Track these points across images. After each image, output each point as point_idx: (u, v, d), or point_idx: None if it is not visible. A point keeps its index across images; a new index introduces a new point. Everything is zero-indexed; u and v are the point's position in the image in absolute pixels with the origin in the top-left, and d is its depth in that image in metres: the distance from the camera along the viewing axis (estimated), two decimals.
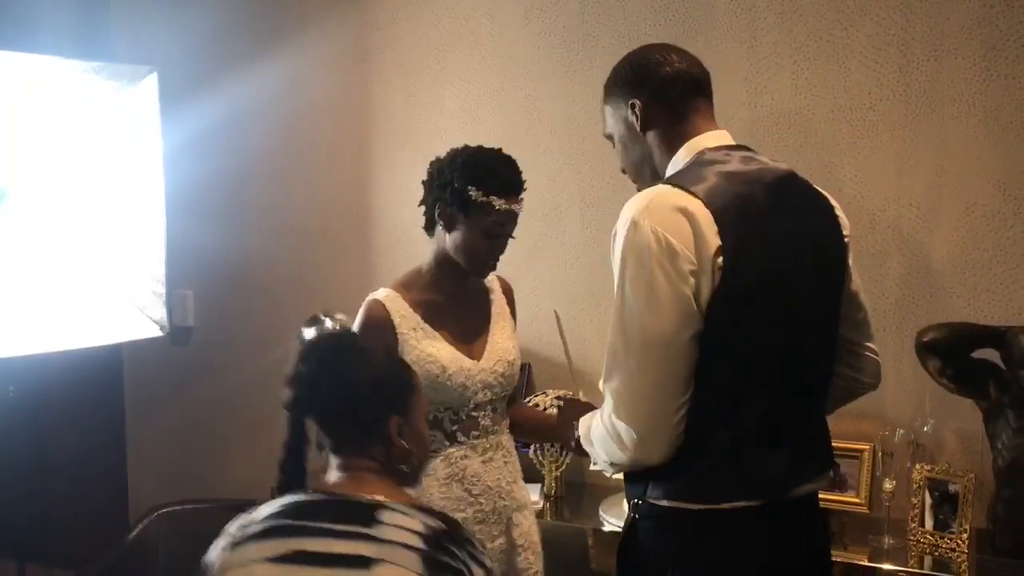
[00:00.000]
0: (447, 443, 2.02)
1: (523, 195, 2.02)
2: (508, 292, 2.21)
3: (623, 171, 1.82)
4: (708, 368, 1.55)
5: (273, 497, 1.50)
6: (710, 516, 1.58)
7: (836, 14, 2.56)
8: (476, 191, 1.94)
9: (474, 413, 2.04)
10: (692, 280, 1.52)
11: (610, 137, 1.80)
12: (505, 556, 2.07)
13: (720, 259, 1.52)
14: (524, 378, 2.97)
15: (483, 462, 2.04)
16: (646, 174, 1.75)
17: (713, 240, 1.52)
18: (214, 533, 1.46)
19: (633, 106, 1.70)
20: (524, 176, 2.02)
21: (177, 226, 3.07)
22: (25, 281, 2.66)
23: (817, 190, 1.73)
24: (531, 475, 2.83)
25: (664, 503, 1.60)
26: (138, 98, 2.82)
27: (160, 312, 2.89)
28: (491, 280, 2.16)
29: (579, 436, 1.76)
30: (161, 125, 2.92)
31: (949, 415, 2.46)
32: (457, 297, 2.07)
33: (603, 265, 2.90)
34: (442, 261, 2.05)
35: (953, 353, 2.35)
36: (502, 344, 2.10)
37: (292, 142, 3.29)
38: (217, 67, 3.30)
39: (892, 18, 2.50)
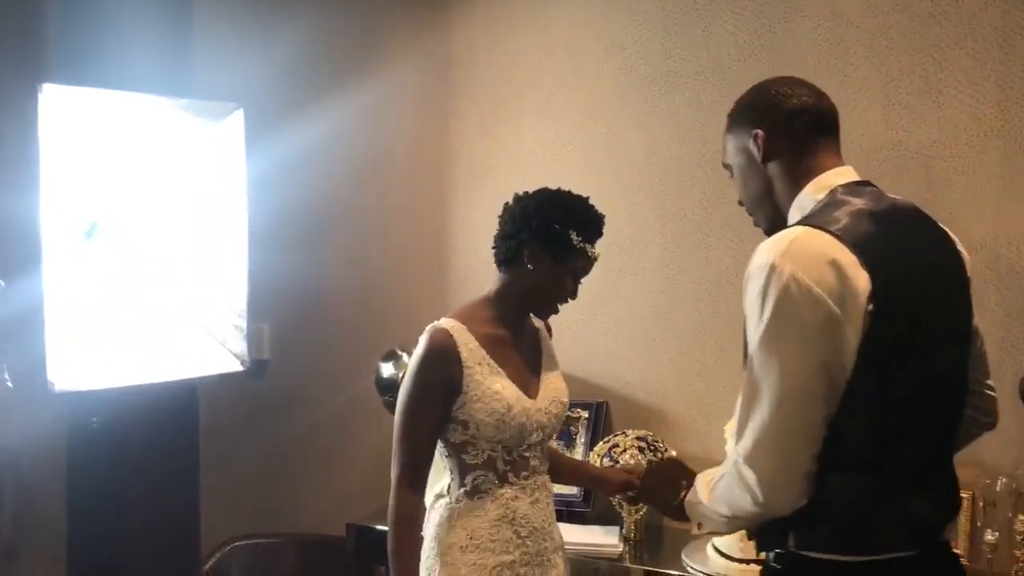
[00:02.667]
0: (498, 483, 1.99)
1: None
2: (549, 330, 2.22)
3: (740, 203, 1.78)
4: (859, 413, 1.50)
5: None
6: (865, 568, 1.52)
7: (929, 48, 2.50)
8: (577, 237, 1.96)
9: (526, 453, 2.02)
10: (834, 330, 1.47)
11: (728, 167, 1.77)
12: None
13: (870, 305, 1.47)
14: (602, 417, 2.93)
15: (531, 503, 2.02)
16: (765, 207, 1.71)
17: (862, 284, 1.47)
18: (286, 567, 1.42)
19: (755, 136, 1.68)
20: (602, 213, 2.04)
21: (256, 260, 3.09)
22: (113, 313, 2.69)
23: (939, 224, 1.69)
24: (608, 518, 2.78)
25: (814, 555, 1.54)
26: (224, 134, 2.85)
27: (240, 346, 2.90)
28: (536, 319, 2.16)
29: (687, 498, 1.71)
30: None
31: None
32: (517, 334, 2.07)
33: (683, 303, 2.88)
34: (509, 297, 2.04)
35: None
36: (555, 383, 2.10)
37: (371, 176, 3.31)
38: (298, 102, 3.34)
39: (989, 52, 2.43)
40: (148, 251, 2.79)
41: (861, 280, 1.47)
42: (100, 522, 3.13)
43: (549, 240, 1.97)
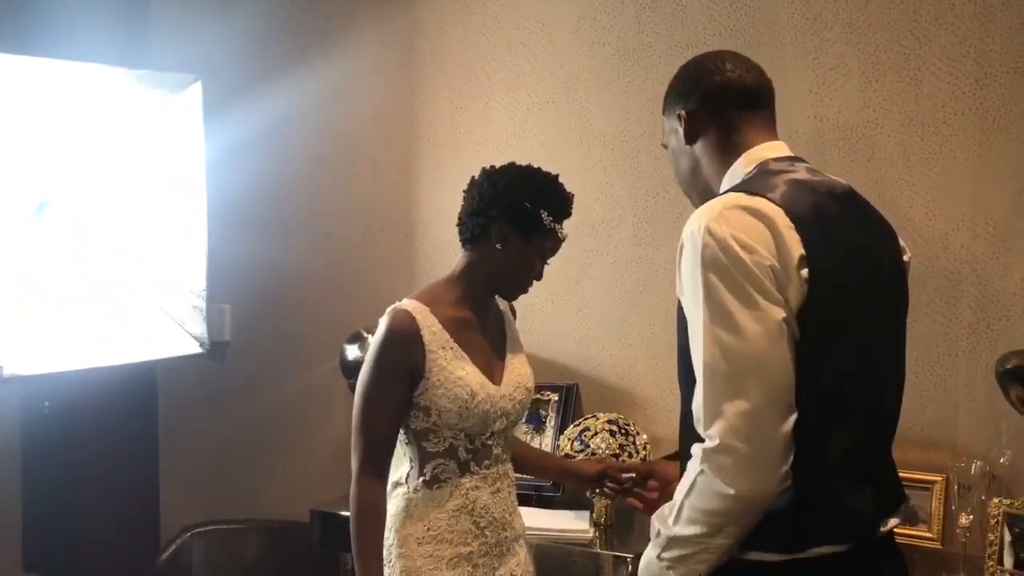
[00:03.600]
0: (459, 473, 1.91)
1: None
2: (514, 312, 2.15)
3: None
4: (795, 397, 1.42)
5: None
6: (794, 567, 1.43)
7: (908, 24, 2.45)
8: (547, 216, 1.89)
9: (488, 442, 1.95)
10: (781, 283, 1.39)
11: (667, 148, 1.72)
12: None
13: (804, 271, 1.40)
14: (572, 399, 2.87)
15: (492, 493, 1.95)
16: (695, 187, 1.67)
17: (795, 248, 1.41)
18: (249, 553, 1.34)
19: (680, 117, 1.63)
20: (573, 191, 1.99)
21: (216, 238, 3.00)
22: (66, 294, 2.59)
23: (875, 209, 1.64)
24: (578, 503, 2.73)
25: (743, 556, 1.44)
26: (182, 107, 2.76)
27: (200, 327, 2.82)
28: (500, 301, 2.08)
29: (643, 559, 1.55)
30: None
31: None
32: (482, 317, 1.99)
33: (656, 283, 2.82)
34: (475, 277, 1.96)
35: None
36: (520, 368, 2.02)
37: (336, 152, 3.22)
38: (260, 74, 3.23)
39: (969, 28, 2.39)
40: (103, 229, 2.70)
41: (794, 242, 1.41)
42: (55, 509, 3.05)
43: (520, 219, 1.90)
